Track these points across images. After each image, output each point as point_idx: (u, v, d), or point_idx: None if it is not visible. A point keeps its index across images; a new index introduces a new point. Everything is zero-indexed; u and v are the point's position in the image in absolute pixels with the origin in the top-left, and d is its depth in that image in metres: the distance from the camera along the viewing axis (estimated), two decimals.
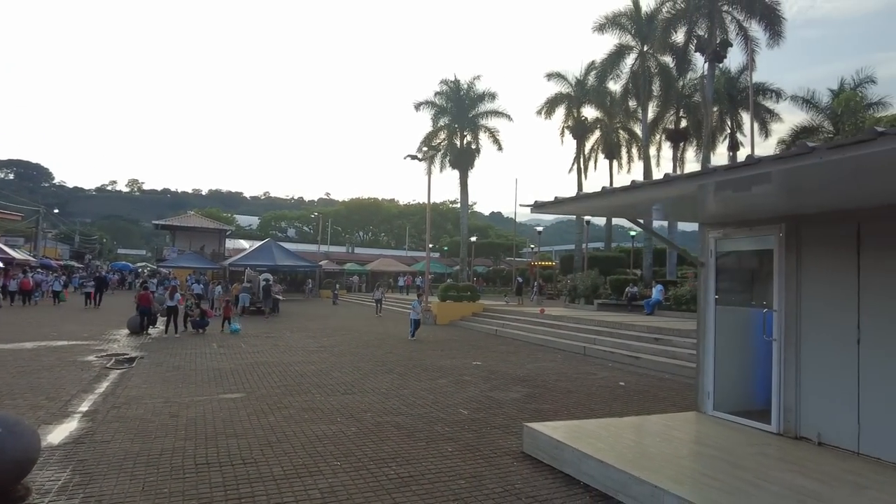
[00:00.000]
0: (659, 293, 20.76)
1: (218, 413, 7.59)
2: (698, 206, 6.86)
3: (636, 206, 6.88)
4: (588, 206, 6.20)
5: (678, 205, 6.85)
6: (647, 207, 7.01)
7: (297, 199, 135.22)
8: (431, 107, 40.90)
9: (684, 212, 7.51)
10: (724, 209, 6.83)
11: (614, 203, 6.17)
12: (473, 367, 11.86)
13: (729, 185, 5.02)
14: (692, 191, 5.51)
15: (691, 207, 7.02)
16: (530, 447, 6.05)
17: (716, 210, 6.96)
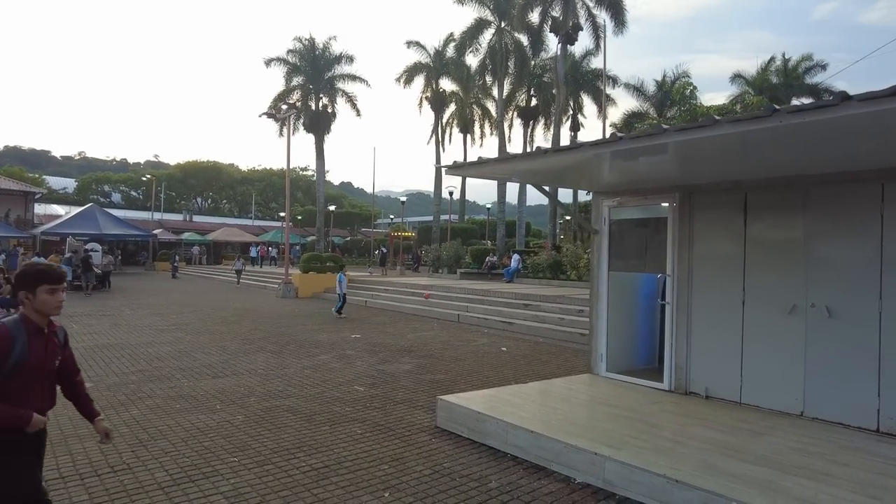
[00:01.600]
0: (517, 262, 21.70)
1: (60, 410, 6.10)
2: (594, 175, 6.98)
3: (541, 172, 6.79)
4: (503, 169, 5.97)
5: (576, 173, 6.91)
6: (553, 174, 7.00)
7: (120, 161, 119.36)
8: (284, 64, 38.06)
9: (580, 180, 7.62)
10: (620, 178, 7.02)
11: (530, 167, 5.98)
12: (353, 341, 11.27)
13: (638, 153, 5.06)
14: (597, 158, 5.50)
15: (587, 176, 7.14)
16: (445, 421, 5.75)
17: (611, 179, 7.14)
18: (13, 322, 2.61)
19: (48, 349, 2.72)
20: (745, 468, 4.17)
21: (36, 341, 2.64)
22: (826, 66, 44.55)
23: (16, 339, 2.56)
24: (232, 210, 73.62)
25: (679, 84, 32.34)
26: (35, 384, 2.68)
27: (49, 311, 2.68)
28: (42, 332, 2.69)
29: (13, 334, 2.56)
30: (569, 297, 14.19)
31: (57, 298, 2.68)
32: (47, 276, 2.67)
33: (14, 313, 2.80)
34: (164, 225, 48.00)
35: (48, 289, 2.65)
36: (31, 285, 2.64)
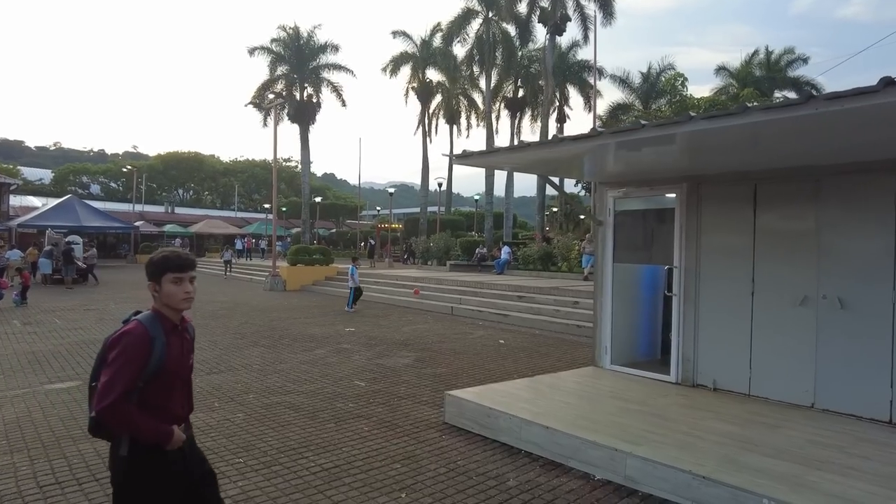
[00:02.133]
0: (507, 254, 21.60)
1: (50, 410, 5.93)
2: (600, 165, 6.86)
3: (549, 162, 6.65)
4: (514, 158, 5.80)
5: (582, 163, 6.78)
6: (559, 164, 6.86)
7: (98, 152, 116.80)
8: (268, 53, 37.33)
9: (585, 170, 7.48)
10: (626, 169, 6.92)
11: (541, 156, 5.82)
12: (348, 334, 11.07)
13: (662, 142, 4.94)
14: (603, 148, 5.36)
15: (593, 166, 7.01)
16: (454, 417, 5.61)
17: (616, 169, 7.03)
18: (148, 319, 2.29)
19: (184, 348, 2.41)
20: (768, 462, 4.09)
21: (172, 340, 2.32)
22: (808, 59, 44.96)
23: (155, 339, 2.24)
24: (214, 202, 72.50)
25: (670, 75, 32.33)
26: (174, 389, 2.36)
27: (175, 304, 2.32)
28: (176, 328, 2.37)
29: (152, 333, 2.24)
30: (562, 288, 14.12)
31: (183, 289, 2.32)
32: (171, 263, 2.31)
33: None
34: (145, 217, 47.07)
35: (173, 278, 2.29)
36: (156, 274, 2.30)
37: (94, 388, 2.22)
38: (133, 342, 2.19)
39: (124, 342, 2.19)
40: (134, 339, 2.20)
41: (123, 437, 2.21)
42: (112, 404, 2.10)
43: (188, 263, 2.35)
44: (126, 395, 2.14)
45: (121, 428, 2.18)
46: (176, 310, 2.35)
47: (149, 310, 2.36)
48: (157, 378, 2.24)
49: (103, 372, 2.17)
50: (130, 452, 2.22)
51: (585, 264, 17.60)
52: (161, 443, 2.23)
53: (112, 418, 2.12)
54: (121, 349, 2.18)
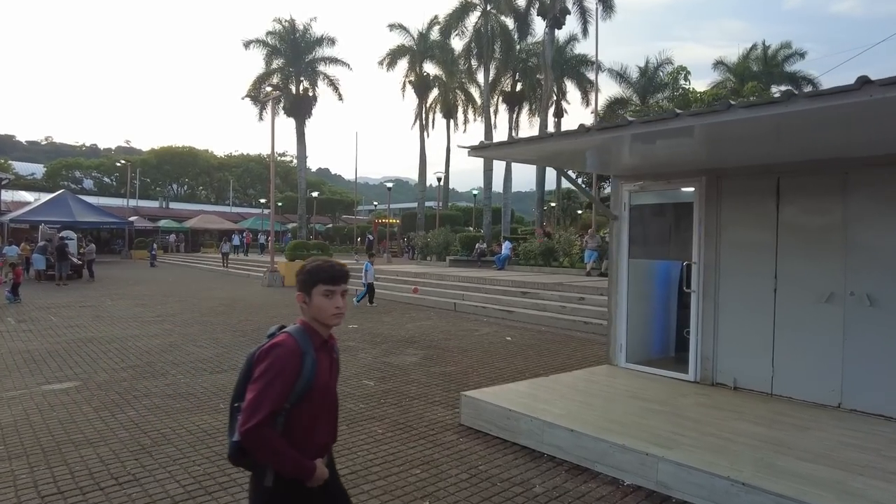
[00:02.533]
0: (508, 249, 21.42)
1: (49, 412, 5.69)
2: (616, 158, 6.67)
3: (564, 154, 6.44)
4: (531, 150, 5.58)
5: (597, 156, 6.59)
6: (574, 157, 6.65)
7: (90, 147, 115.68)
8: (263, 46, 36.91)
9: (600, 163, 7.29)
10: (642, 162, 6.72)
11: (559, 148, 5.60)
12: (352, 331, 10.86)
13: (692, 132, 4.73)
14: (617, 141, 5.17)
15: (608, 159, 6.82)
16: (471, 419, 5.42)
17: (632, 162, 6.84)
18: (298, 332, 2.04)
19: (332, 368, 2.16)
20: (806, 467, 3.92)
21: (321, 357, 2.07)
22: (804, 54, 44.82)
23: (305, 354, 1.98)
24: (209, 197, 71.85)
25: (673, 69, 32.16)
26: (321, 413, 2.10)
27: (325, 319, 2.06)
28: (325, 345, 2.12)
29: (303, 347, 1.99)
30: (566, 284, 13.95)
31: (334, 304, 2.06)
32: (323, 274, 2.05)
33: None
34: (139, 212, 46.57)
35: (324, 290, 2.04)
36: (307, 285, 2.06)
37: (238, 410, 1.97)
38: (283, 355, 1.95)
39: (273, 355, 1.95)
40: (284, 352, 1.95)
41: (268, 465, 1.96)
42: (258, 425, 1.86)
43: (341, 276, 2.09)
44: (273, 415, 1.90)
45: (263, 454, 1.92)
46: (325, 325, 2.09)
47: (295, 323, 2.11)
48: (303, 400, 1.98)
49: (249, 388, 1.93)
50: (276, 485, 1.97)
51: (588, 260, 17.47)
52: (302, 479, 1.99)
53: (256, 441, 1.88)
54: (269, 363, 1.93)
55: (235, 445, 1.97)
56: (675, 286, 7.53)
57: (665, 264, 7.65)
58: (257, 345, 2.06)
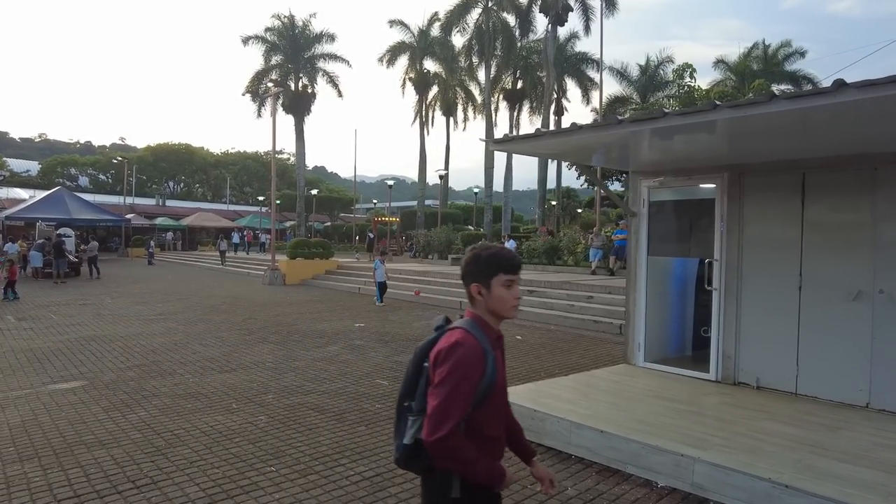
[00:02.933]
0: (513, 247, 21.28)
1: (57, 413, 5.54)
2: (635, 153, 6.55)
3: (585, 149, 6.30)
4: (556, 143, 5.46)
5: (618, 150, 6.45)
6: (593, 151, 6.53)
7: (85, 144, 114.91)
8: (262, 42, 36.64)
9: (619, 158, 7.16)
10: (662, 157, 6.60)
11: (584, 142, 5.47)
12: (358, 330, 10.72)
13: (733, 125, 4.59)
14: (636, 135, 5.05)
15: (629, 153, 6.69)
16: None
17: (652, 158, 6.71)
18: (474, 328, 1.84)
19: (504, 366, 1.98)
20: (847, 469, 3.81)
21: (498, 355, 1.88)
22: (804, 53, 44.75)
23: (487, 353, 1.80)
24: (205, 194, 71.46)
25: (679, 66, 32.06)
26: (500, 415, 1.93)
27: (504, 312, 1.89)
28: (499, 341, 1.94)
29: (484, 345, 1.80)
30: (573, 282, 13.84)
31: (514, 294, 1.88)
32: (505, 262, 1.87)
33: None
34: (136, 210, 46.19)
35: (505, 280, 1.86)
36: (485, 274, 1.86)
37: (408, 410, 1.85)
38: (467, 356, 1.76)
39: (457, 356, 1.75)
40: (468, 352, 1.76)
41: (455, 474, 1.80)
42: (448, 435, 1.70)
43: (520, 264, 1.93)
44: (460, 424, 1.74)
45: (454, 464, 1.76)
46: (500, 318, 1.92)
47: (464, 317, 1.92)
48: (484, 403, 1.80)
49: (432, 393, 1.76)
50: (464, 495, 1.81)
51: (592, 258, 17.34)
52: (493, 485, 1.83)
53: (447, 451, 1.72)
54: (454, 365, 1.74)
55: (407, 449, 1.83)
56: (692, 284, 7.41)
57: (681, 261, 7.53)
58: (425, 339, 1.91)
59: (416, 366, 1.87)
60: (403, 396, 1.89)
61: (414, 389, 1.84)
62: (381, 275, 14.54)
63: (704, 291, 7.33)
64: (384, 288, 14.64)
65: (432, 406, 1.73)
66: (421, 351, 1.89)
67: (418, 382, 1.84)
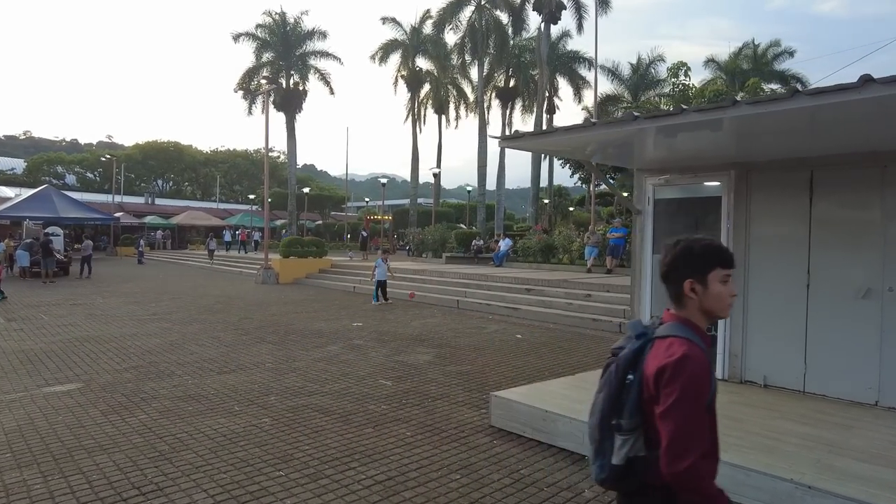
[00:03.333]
0: (507, 246, 21.24)
1: (54, 416, 5.38)
2: (640, 151, 6.50)
3: (594, 145, 6.24)
4: (568, 140, 5.37)
5: (624, 148, 6.40)
6: (604, 149, 6.46)
7: (71, 142, 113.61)
8: (253, 39, 36.30)
9: (625, 156, 7.10)
10: (668, 155, 6.56)
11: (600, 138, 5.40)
12: (357, 329, 10.60)
13: (753, 123, 4.52)
14: (642, 133, 5.00)
15: (634, 151, 6.64)
16: (502, 420, 5.21)
17: (657, 156, 6.67)
18: (690, 333, 1.66)
19: None
20: (866, 468, 3.77)
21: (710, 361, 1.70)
22: (794, 52, 45.15)
23: (712, 365, 1.65)
24: (194, 193, 70.82)
25: (673, 65, 32.27)
26: (715, 432, 1.72)
27: (721, 311, 1.71)
28: (711, 344, 1.76)
29: (707, 356, 1.63)
30: (570, 281, 13.81)
31: (731, 290, 1.71)
32: (723, 256, 1.70)
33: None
34: (124, 208, 45.66)
35: (723, 275, 1.68)
36: (702, 269, 1.68)
37: (616, 428, 1.69)
38: (698, 373, 1.58)
39: (688, 373, 1.56)
40: (697, 368, 1.58)
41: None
42: (694, 465, 1.53)
43: (733, 257, 1.76)
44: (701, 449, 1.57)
45: (698, 496, 1.60)
46: (714, 318, 1.74)
47: (663, 320, 1.75)
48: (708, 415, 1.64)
49: (664, 416, 1.57)
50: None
51: (588, 256, 17.34)
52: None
53: (692, 484, 1.56)
54: (686, 383, 1.55)
55: (617, 470, 1.69)
56: None
57: None
58: (624, 345, 1.75)
59: (620, 380, 1.72)
60: (608, 414, 1.73)
61: (620, 406, 1.69)
62: (381, 273, 14.40)
63: None
64: (384, 287, 14.50)
65: (670, 432, 1.56)
66: (625, 363, 1.72)
67: (624, 398, 1.69)
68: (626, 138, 5.47)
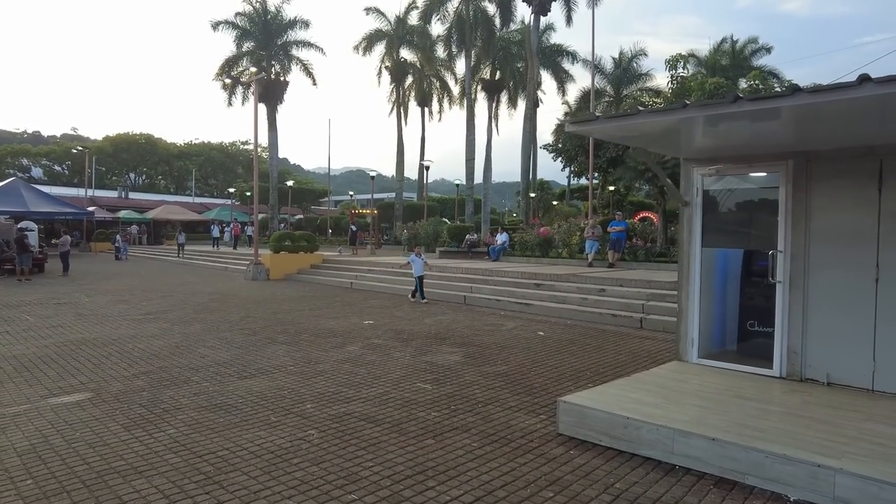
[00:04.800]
0: (505, 240, 20.87)
1: (70, 433, 4.81)
2: (691, 140, 6.16)
3: (651, 135, 5.86)
4: (642, 125, 4.95)
5: (674, 137, 6.05)
6: (660, 137, 6.08)
7: (33, 134, 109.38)
8: (233, 28, 35.11)
9: (670, 144, 6.75)
10: (720, 143, 6.24)
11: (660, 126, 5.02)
12: (370, 328, 10.11)
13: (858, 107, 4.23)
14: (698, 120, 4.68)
15: (678, 139, 6.30)
16: (572, 427, 4.82)
17: (707, 144, 6.34)
18: None
19: None
20: None
21: None
22: (770, 49, 45.82)
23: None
24: (168, 187, 68.80)
25: (671, 56, 32.24)
26: None
27: None
28: None
29: None
30: (579, 275, 13.50)
31: None
32: None
33: None
34: (97, 202, 43.96)
35: None
36: None
37: None
38: None
39: None
40: None
41: None
42: None
43: None
44: None
45: None
46: None
47: None
48: None
49: None
50: None
51: (589, 250, 17.07)
52: None
53: None
54: None
55: None
56: (737, 274, 7.13)
57: (723, 252, 7.22)
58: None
59: None
60: None
61: None
62: (419, 269, 13.79)
63: (751, 283, 7.07)
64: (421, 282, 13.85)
65: None
66: None
67: None
68: (689, 126, 5.11)
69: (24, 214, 28.05)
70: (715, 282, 7.22)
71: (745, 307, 6.99)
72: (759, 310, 6.67)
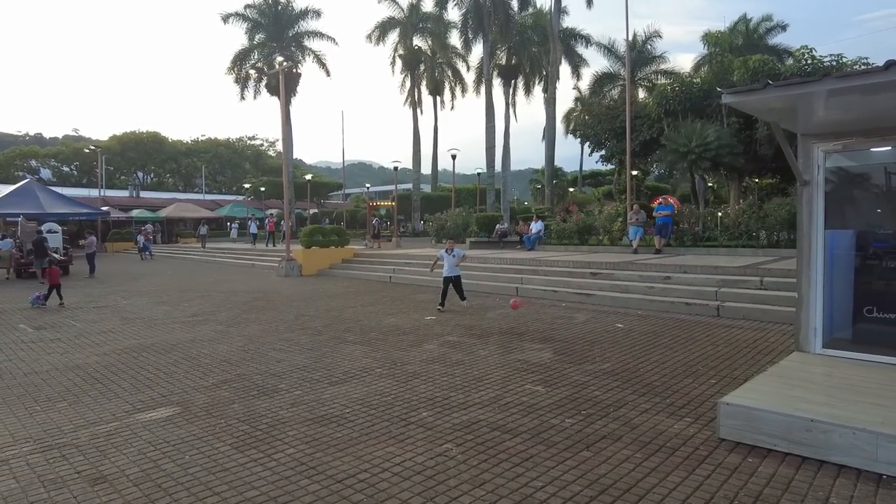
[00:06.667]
0: (540, 228, 20.33)
1: (177, 455, 4.34)
2: (804, 114, 5.63)
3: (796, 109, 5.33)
4: (801, 94, 4.44)
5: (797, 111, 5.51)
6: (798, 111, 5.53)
7: (35, 136, 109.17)
8: (244, 20, 34.44)
9: (788, 118, 6.21)
10: (845, 117, 5.71)
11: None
12: (435, 324, 9.63)
13: None
14: None
15: (796, 114, 5.76)
16: (738, 431, 4.33)
17: (831, 118, 5.81)
18: None
19: None
20: None
21: None
22: (786, 26, 44.86)
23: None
24: (176, 185, 68.28)
25: (705, 34, 31.52)
26: None
27: None
28: None
29: None
30: (637, 262, 12.99)
31: None
32: None
33: None
34: (109, 202, 43.49)
35: None
36: None
37: None
38: None
39: None
40: None
41: None
42: None
43: None
44: None
45: None
46: None
47: None
48: None
49: None
50: None
51: (633, 237, 16.54)
52: None
53: None
54: None
55: None
56: (852, 258, 6.61)
57: (835, 234, 6.70)
58: None
59: None
60: None
61: None
62: (449, 269, 11.23)
63: (867, 268, 6.56)
64: (458, 285, 11.66)
65: None
66: None
67: None
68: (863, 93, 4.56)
69: (40, 216, 27.61)
70: (828, 265, 6.72)
71: (859, 292, 6.49)
72: (873, 295, 6.19)
